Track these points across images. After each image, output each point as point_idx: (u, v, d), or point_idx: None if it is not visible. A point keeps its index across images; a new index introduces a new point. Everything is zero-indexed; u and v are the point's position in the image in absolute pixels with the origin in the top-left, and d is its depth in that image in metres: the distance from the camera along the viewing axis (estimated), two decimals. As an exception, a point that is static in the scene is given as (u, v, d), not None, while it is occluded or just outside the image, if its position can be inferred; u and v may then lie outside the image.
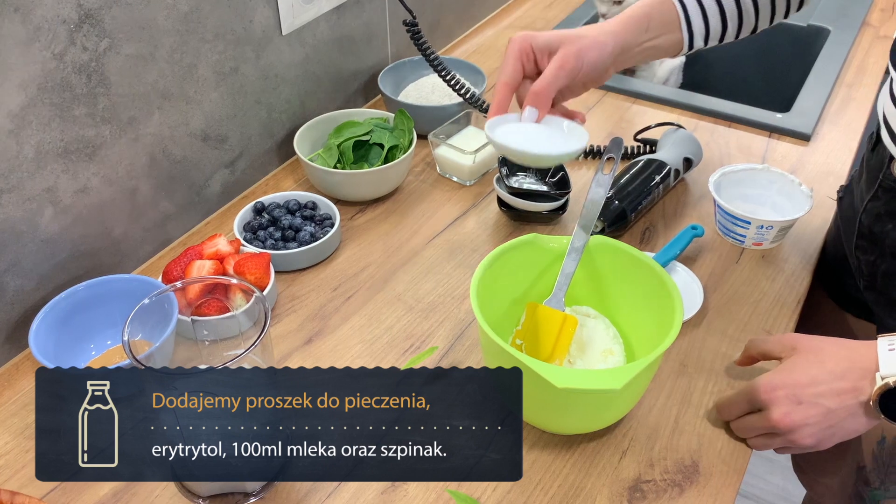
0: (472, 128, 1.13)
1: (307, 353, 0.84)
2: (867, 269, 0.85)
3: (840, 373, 0.66)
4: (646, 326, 0.78)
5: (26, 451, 0.74)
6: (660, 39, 0.82)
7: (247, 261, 0.85)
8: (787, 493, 1.72)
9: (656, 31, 0.82)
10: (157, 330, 0.69)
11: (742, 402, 0.72)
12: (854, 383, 0.65)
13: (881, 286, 0.83)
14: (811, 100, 1.25)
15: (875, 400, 0.64)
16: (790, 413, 0.67)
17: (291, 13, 1.04)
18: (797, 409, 0.67)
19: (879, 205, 0.80)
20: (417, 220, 1.03)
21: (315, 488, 0.71)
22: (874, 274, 0.84)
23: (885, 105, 0.76)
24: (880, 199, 0.80)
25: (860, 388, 0.65)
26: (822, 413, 0.66)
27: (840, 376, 0.66)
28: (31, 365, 0.83)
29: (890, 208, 0.79)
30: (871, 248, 0.84)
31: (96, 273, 0.87)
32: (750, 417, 0.72)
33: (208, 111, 0.97)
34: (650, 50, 0.83)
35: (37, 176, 0.80)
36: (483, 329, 0.69)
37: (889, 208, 0.79)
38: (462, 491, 0.70)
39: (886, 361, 0.64)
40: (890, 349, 0.64)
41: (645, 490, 0.71)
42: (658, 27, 0.82)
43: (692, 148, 1.07)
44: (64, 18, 0.77)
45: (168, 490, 0.70)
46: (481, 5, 1.51)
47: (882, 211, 0.80)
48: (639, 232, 1.00)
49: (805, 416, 0.66)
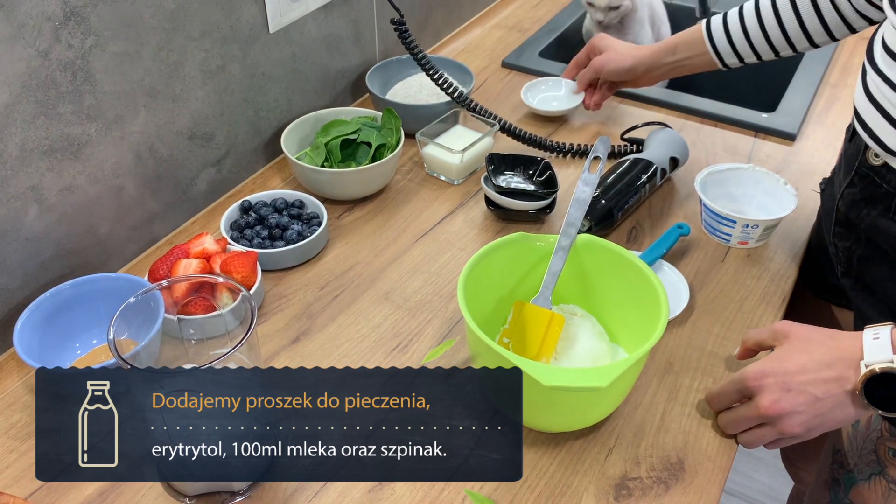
0: (460, 126, 1.14)
1: (294, 352, 0.84)
2: (844, 256, 0.87)
3: (827, 362, 0.67)
4: (632, 325, 0.78)
5: (11, 451, 0.74)
6: (691, 60, 1.03)
7: (233, 259, 0.85)
8: (773, 491, 1.73)
9: (685, 53, 1.04)
10: (143, 329, 0.69)
11: (732, 390, 0.73)
12: (840, 372, 0.66)
13: (857, 271, 0.85)
14: (796, 100, 1.26)
15: (860, 388, 0.65)
16: (779, 400, 0.68)
17: (279, 11, 1.03)
18: (786, 397, 0.67)
19: (855, 191, 0.83)
20: (405, 219, 1.03)
21: (302, 487, 0.71)
22: (850, 260, 0.86)
23: (858, 97, 0.78)
24: (856, 185, 0.82)
25: (846, 378, 0.66)
26: (810, 401, 0.67)
27: (827, 365, 0.67)
28: (15, 364, 0.82)
29: (865, 194, 0.81)
30: (847, 234, 0.86)
31: (82, 272, 0.87)
32: (739, 408, 0.72)
33: (195, 109, 0.97)
34: (683, 68, 1.05)
35: (21, 174, 0.79)
36: (470, 327, 0.69)
37: (864, 194, 0.81)
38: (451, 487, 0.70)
39: (871, 349, 0.65)
40: (875, 338, 0.65)
41: (631, 487, 0.72)
42: (685, 49, 1.03)
43: (678, 147, 1.08)
44: (49, 15, 0.76)
45: (154, 489, 0.70)
46: (469, 5, 1.51)
47: (858, 197, 0.82)
48: (625, 231, 1.01)
49: (793, 404, 0.67)
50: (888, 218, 0.78)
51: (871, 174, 0.79)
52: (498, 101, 1.28)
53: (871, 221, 0.80)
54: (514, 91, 1.28)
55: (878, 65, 0.75)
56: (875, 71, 0.75)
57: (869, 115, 0.76)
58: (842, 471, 0.89)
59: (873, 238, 0.81)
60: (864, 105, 0.77)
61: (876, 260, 0.82)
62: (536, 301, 0.79)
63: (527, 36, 1.46)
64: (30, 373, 0.81)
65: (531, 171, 1.03)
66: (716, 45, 1.00)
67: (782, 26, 0.94)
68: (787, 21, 0.94)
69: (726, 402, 0.74)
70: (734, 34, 0.98)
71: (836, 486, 0.90)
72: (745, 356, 0.79)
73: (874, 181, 0.79)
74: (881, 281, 0.81)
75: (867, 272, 0.83)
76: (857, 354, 0.66)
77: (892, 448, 0.82)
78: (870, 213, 0.80)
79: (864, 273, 0.84)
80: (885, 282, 0.81)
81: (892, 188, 0.76)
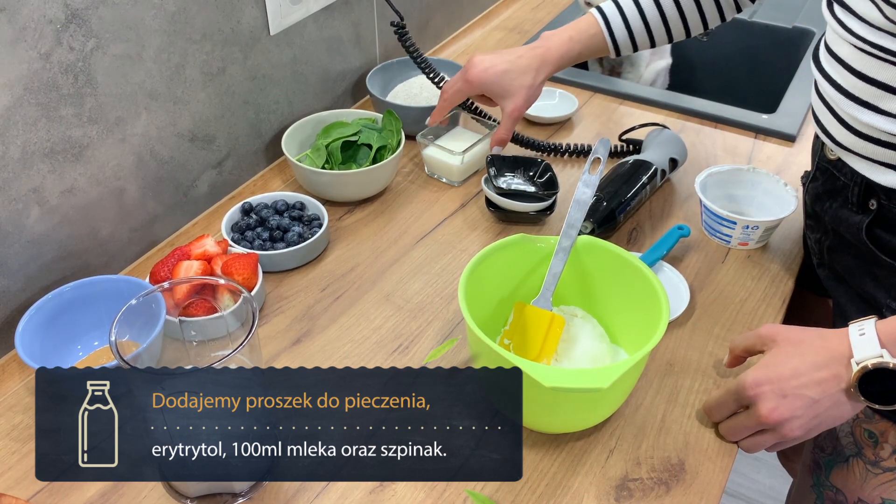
0: (460, 128, 1.14)
1: (295, 353, 0.84)
2: (816, 247, 0.90)
3: (819, 363, 0.68)
4: (633, 326, 0.78)
5: (13, 453, 0.74)
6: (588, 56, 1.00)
7: (234, 261, 0.85)
8: (773, 492, 1.73)
9: (587, 55, 0.99)
10: (144, 331, 0.69)
11: (729, 401, 0.73)
12: (834, 372, 0.67)
13: (828, 261, 0.87)
14: (796, 101, 1.26)
15: (854, 385, 0.65)
16: (777, 407, 0.68)
17: (279, 14, 1.04)
18: (783, 403, 0.68)
19: (818, 185, 0.86)
20: (405, 221, 1.03)
21: (304, 488, 0.71)
22: (822, 251, 0.88)
23: (813, 98, 0.83)
24: (818, 179, 0.86)
25: (839, 376, 0.67)
26: (808, 404, 0.67)
27: (820, 366, 0.67)
28: (17, 366, 0.82)
29: (826, 187, 0.84)
30: (816, 226, 0.89)
31: (83, 274, 0.87)
32: (738, 417, 0.73)
33: (196, 111, 0.97)
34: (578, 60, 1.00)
35: (23, 176, 0.79)
36: (471, 329, 0.69)
37: (826, 187, 0.84)
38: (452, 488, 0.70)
39: (858, 346, 0.66)
40: (860, 334, 0.66)
41: (632, 488, 0.72)
42: (588, 53, 0.99)
43: (677, 148, 1.08)
44: (50, 18, 0.76)
45: (156, 491, 0.70)
46: (469, 6, 1.51)
47: (821, 190, 0.85)
48: (626, 232, 1.01)
49: (792, 409, 0.68)
50: (847, 209, 0.80)
51: (829, 168, 0.83)
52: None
53: (834, 213, 0.83)
54: (514, 93, 1.28)
55: (823, 66, 0.79)
56: (821, 72, 0.79)
57: (821, 114, 0.80)
58: (822, 454, 0.90)
59: (836, 229, 0.83)
60: (818, 105, 0.81)
61: (842, 249, 0.84)
62: (537, 302, 0.79)
63: (527, 38, 1.46)
64: (31, 375, 0.81)
65: (531, 172, 1.04)
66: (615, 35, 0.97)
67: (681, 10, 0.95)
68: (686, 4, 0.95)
69: (725, 413, 0.74)
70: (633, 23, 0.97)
71: (817, 470, 0.92)
72: (735, 364, 0.79)
73: (833, 174, 0.82)
74: (849, 269, 0.83)
75: (837, 261, 0.86)
76: (847, 352, 0.66)
77: (867, 429, 0.83)
78: (831, 205, 0.83)
79: (833, 262, 0.86)
80: (853, 270, 0.83)
81: (848, 180, 0.79)
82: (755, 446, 0.73)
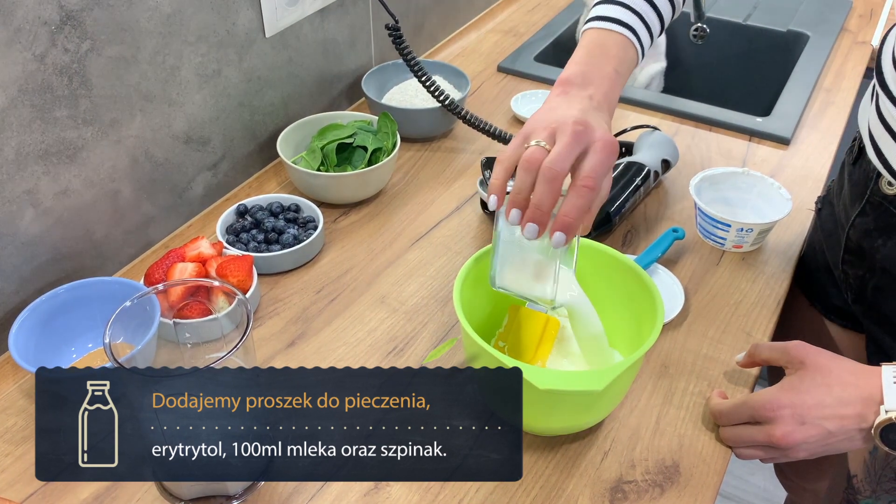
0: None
1: (290, 355, 0.84)
2: (856, 283, 0.85)
3: (847, 399, 0.66)
4: (627, 328, 0.78)
5: (6, 455, 0.74)
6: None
7: (229, 263, 0.85)
8: (768, 494, 1.73)
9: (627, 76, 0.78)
10: (138, 333, 0.69)
11: (743, 413, 0.72)
12: (858, 411, 0.65)
13: (871, 300, 0.83)
14: (791, 104, 1.26)
15: (878, 431, 0.64)
16: (793, 433, 0.67)
17: (275, 16, 1.04)
18: (799, 430, 0.67)
19: (868, 220, 0.80)
20: (401, 223, 1.03)
21: (298, 490, 0.71)
22: (863, 288, 0.84)
23: (870, 121, 0.75)
24: (868, 214, 0.80)
25: (863, 417, 0.65)
26: (823, 435, 0.66)
27: (846, 403, 0.66)
28: (10, 368, 0.82)
29: (880, 224, 0.78)
30: (859, 262, 0.84)
31: (77, 276, 0.87)
32: (748, 429, 0.71)
33: (191, 113, 0.97)
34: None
35: (17, 178, 0.79)
36: (466, 331, 0.69)
37: (879, 224, 0.78)
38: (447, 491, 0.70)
39: (890, 395, 0.64)
40: (895, 381, 0.64)
41: (626, 491, 0.72)
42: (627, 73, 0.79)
43: (669, 149, 1.08)
44: (45, 20, 0.76)
45: (149, 493, 0.70)
46: (465, 9, 1.51)
47: (871, 227, 0.80)
48: (621, 235, 1.01)
49: (805, 437, 0.67)
50: None
51: (884, 203, 0.77)
52: (493, 105, 1.28)
53: (888, 252, 0.78)
54: (509, 96, 1.29)
55: (889, 87, 0.71)
56: (887, 95, 0.71)
57: (883, 142, 0.72)
58: (858, 497, 0.88)
59: (890, 269, 0.78)
60: (878, 131, 0.73)
61: (893, 290, 0.80)
62: (532, 305, 0.79)
63: (522, 40, 1.47)
64: (25, 377, 0.81)
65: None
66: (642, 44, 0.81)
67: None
68: None
69: (734, 422, 0.73)
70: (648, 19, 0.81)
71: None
72: (749, 366, 0.79)
73: (889, 210, 0.76)
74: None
75: (883, 302, 0.82)
76: (877, 396, 0.64)
77: None
78: (885, 243, 0.78)
79: (879, 303, 0.82)
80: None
81: None
82: (751, 456, 0.72)
